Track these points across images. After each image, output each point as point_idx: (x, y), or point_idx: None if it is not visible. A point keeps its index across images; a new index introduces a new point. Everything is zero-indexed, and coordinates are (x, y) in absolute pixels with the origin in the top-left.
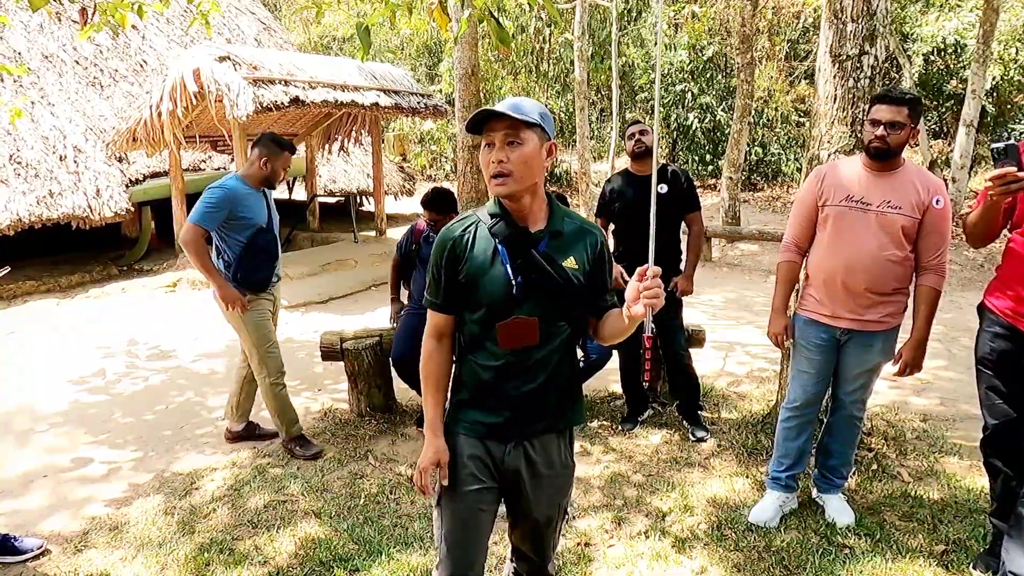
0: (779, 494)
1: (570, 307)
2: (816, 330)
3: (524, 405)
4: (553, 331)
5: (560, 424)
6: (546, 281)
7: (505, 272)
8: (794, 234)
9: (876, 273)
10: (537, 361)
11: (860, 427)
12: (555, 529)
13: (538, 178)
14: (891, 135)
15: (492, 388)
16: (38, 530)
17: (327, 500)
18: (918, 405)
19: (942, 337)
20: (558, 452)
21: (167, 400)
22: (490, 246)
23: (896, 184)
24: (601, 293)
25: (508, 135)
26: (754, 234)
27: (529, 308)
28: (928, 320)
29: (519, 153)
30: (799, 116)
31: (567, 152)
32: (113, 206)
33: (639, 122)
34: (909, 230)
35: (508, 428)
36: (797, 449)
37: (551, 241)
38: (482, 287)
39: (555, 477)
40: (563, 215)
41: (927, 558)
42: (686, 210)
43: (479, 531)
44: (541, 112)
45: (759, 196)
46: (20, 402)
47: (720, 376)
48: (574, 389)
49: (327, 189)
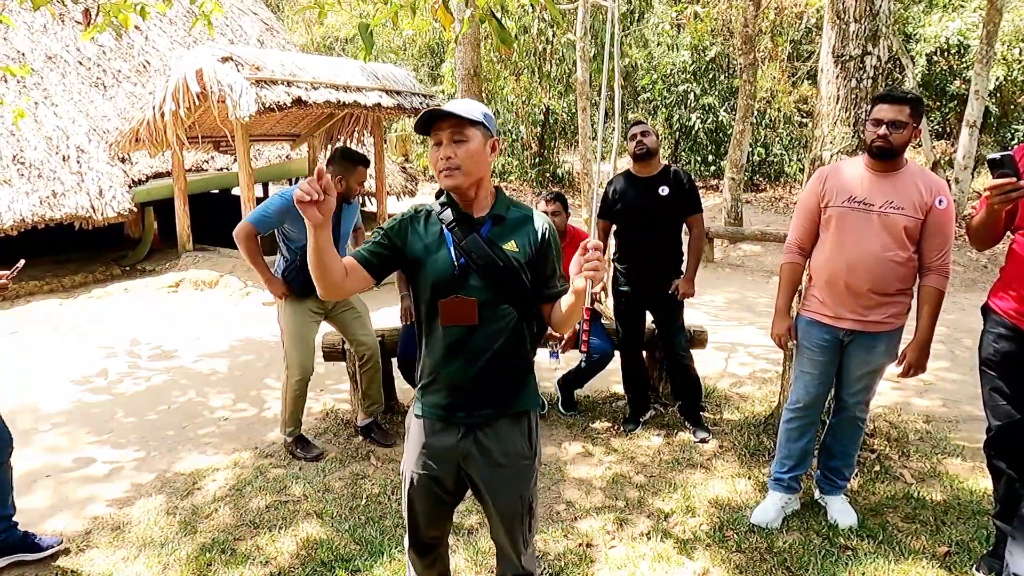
0: (781, 495)
1: (512, 290)
2: (819, 331)
3: (470, 388)
4: (495, 313)
5: (509, 410)
6: (487, 263)
7: (449, 254)
8: (797, 235)
9: (879, 274)
10: (480, 343)
11: (863, 428)
12: (523, 524)
13: (484, 172)
14: (893, 134)
15: (441, 370)
16: (40, 530)
17: (329, 500)
18: (921, 406)
19: (945, 338)
20: (515, 441)
21: (169, 400)
22: (437, 230)
23: (899, 184)
24: (548, 280)
25: (454, 133)
26: (756, 235)
27: (471, 289)
28: (932, 321)
29: (465, 149)
30: (802, 117)
31: (568, 153)
32: (116, 206)
33: (641, 123)
34: (912, 231)
35: (456, 409)
36: (800, 450)
37: (493, 226)
38: (428, 268)
39: (514, 467)
40: (508, 204)
41: (930, 560)
42: (688, 212)
43: (432, 513)
44: (484, 112)
45: (761, 197)
46: (23, 402)
47: (722, 377)
48: (523, 375)
49: None
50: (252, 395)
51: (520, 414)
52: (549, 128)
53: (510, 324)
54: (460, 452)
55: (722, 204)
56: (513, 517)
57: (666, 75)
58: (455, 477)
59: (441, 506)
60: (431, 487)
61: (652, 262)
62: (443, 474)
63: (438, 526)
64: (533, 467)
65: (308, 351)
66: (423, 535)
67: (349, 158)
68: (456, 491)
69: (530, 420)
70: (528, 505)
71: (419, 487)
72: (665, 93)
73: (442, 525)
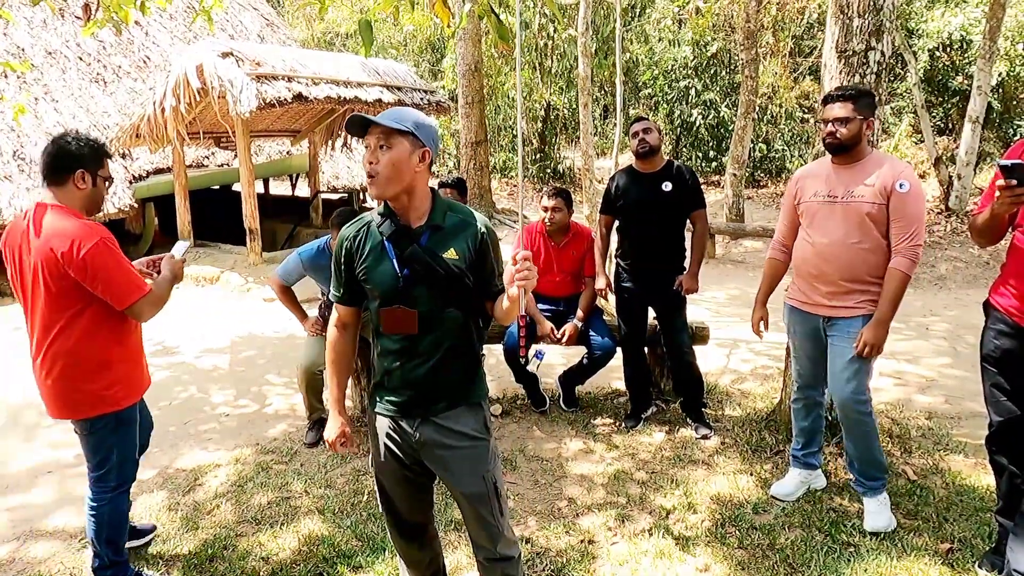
0: (799, 471)
1: (455, 295)
2: (800, 317)
3: (422, 385)
4: (441, 319)
5: (461, 402)
6: (428, 272)
7: (392, 266)
8: (780, 233)
9: (846, 261)
10: (428, 346)
11: (870, 425)
12: (490, 504)
13: (411, 180)
14: (840, 130)
15: (393, 371)
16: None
17: (330, 497)
18: (923, 403)
19: (947, 335)
20: (468, 424)
21: (171, 396)
22: (378, 243)
23: (859, 173)
24: (488, 280)
25: (379, 139)
26: (758, 231)
27: (417, 298)
28: (891, 301)
29: (388, 157)
30: (803, 112)
31: (570, 149)
32: (117, 202)
33: (643, 119)
34: (876, 216)
35: (412, 406)
36: (808, 429)
37: (432, 235)
38: (374, 280)
39: (471, 448)
40: (445, 211)
41: (932, 556)
42: (691, 208)
43: (406, 497)
44: (416, 122)
45: (763, 193)
46: (26, 398)
47: (724, 373)
48: (472, 369)
49: (330, 185)
50: (253, 391)
51: (472, 404)
52: (550, 124)
53: (456, 326)
54: (418, 441)
55: (723, 200)
56: (479, 498)
57: (667, 71)
58: (420, 466)
59: (415, 487)
60: (399, 471)
61: (655, 258)
62: (408, 459)
63: (419, 508)
64: (488, 445)
65: (319, 350)
66: (407, 520)
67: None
68: (424, 471)
69: (483, 407)
70: (492, 485)
71: (388, 474)
72: (666, 89)
73: (423, 508)
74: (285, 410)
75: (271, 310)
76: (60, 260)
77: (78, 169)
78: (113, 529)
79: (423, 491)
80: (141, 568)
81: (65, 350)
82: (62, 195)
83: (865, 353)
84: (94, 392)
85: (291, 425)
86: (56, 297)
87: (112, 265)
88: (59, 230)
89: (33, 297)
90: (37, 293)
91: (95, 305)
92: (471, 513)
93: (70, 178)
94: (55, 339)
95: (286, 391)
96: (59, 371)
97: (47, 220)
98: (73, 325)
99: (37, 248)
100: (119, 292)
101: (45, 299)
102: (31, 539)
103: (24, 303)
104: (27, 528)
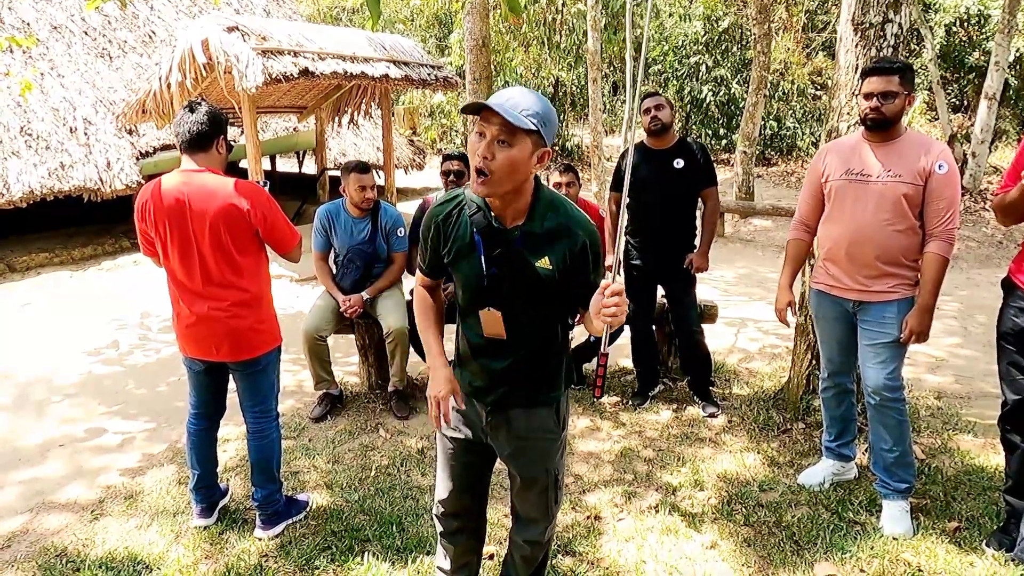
0: (832, 462)
1: (543, 303)
2: (828, 302)
3: (498, 379)
4: (523, 322)
5: (538, 399)
6: (515, 277)
7: (479, 262)
8: (802, 211)
9: (881, 244)
10: (509, 346)
11: (902, 413)
12: (547, 494)
13: (523, 182)
14: (885, 105)
15: (473, 357)
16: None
17: (338, 472)
18: (932, 383)
19: (958, 314)
20: (541, 418)
21: (179, 372)
22: (468, 233)
23: (896, 153)
24: (580, 291)
25: (500, 133)
26: (768, 209)
27: (502, 299)
28: (934, 287)
29: (506, 155)
30: (816, 89)
31: (578, 126)
32: (124, 179)
33: (656, 94)
34: (913, 198)
35: (487, 394)
36: (840, 418)
37: (526, 239)
38: (460, 271)
39: (539, 440)
40: (545, 213)
41: (939, 535)
42: (703, 185)
43: (459, 471)
44: (542, 115)
45: (773, 171)
46: (37, 373)
47: (732, 352)
48: (553, 370)
49: (337, 162)
50: None
51: (549, 403)
52: (559, 100)
53: (540, 331)
54: (488, 424)
55: (733, 178)
56: (539, 488)
57: (677, 46)
58: (483, 447)
59: (471, 470)
60: (462, 446)
61: (665, 236)
62: (471, 438)
63: (469, 492)
64: (559, 440)
65: (321, 315)
66: (453, 500)
67: (346, 167)
68: (487, 457)
69: (560, 404)
70: (554, 477)
71: (448, 448)
72: (676, 65)
73: (473, 493)
74: (292, 386)
75: (278, 287)
76: (245, 215)
77: (219, 135)
78: (279, 455)
79: (478, 474)
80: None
81: (247, 296)
82: (207, 160)
83: (912, 341)
84: (267, 330)
85: (299, 401)
86: (237, 249)
87: (280, 216)
88: (234, 190)
89: (211, 253)
90: (216, 248)
91: (263, 252)
92: (525, 495)
93: (213, 144)
94: (237, 288)
95: (293, 367)
96: (242, 315)
97: (213, 182)
98: (251, 272)
99: (217, 207)
100: (284, 239)
101: (225, 252)
102: (43, 511)
103: (185, 263)
104: (39, 501)
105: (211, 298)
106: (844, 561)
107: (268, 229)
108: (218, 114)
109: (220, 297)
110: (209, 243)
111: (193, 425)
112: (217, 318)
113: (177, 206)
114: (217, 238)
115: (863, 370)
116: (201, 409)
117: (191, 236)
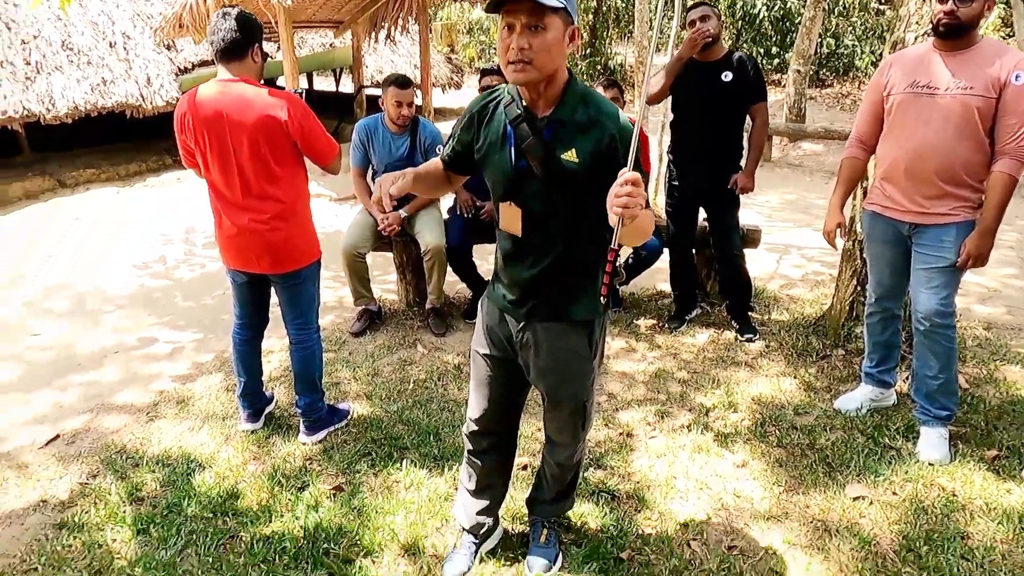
0: (871, 388)
1: (570, 199)
2: (882, 223)
3: (526, 290)
4: (549, 222)
5: (567, 316)
6: (542, 168)
7: (509, 155)
8: (859, 129)
9: (943, 162)
10: (534, 250)
11: (952, 340)
12: (572, 420)
13: (559, 65)
14: (961, 8)
15: (504, 266)
16: (113, 401)
17: (377, 384)
18: (982, 313)
19: (1016, 244)
20: (571, 340)
21: (224, 286)
22: (502, 125)
23: (969, 63)
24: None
25: (531, 20)
26: (819, 132)
27: (527, 194)
28: (998, 209)
29: (541, 40)
30: (879, 3)
31: (622, 44)
32: (164, 95)
33: (703, 3)
34: (985, 112)
35: (517, 306)
36: (884, 344)
37: (556, 129)
38: (491, 166)
39: (569, 362)
40: (577, 102)
41: (977, 463)
42: (752, 100)
43: (492, 391)
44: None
45: (827, 93)
46: (91, 285)
47: (773, 278)
48: (579, 283)
49: (374, 80)
50: None
51: (576, 323)
52: (602, 16)
53: (566, 233)
54: (519, 341)
55: (784, 99)
56: (566, 411)
57: None
58: (514, 365)
59: (504, 390)
60: (496, 364)
61: (710, 154)
62: (504, 356)
63: (500, 411)
64: (590, 367)
65: (360, 233)
66: (484, 419)
67: (386, 80)
68: (520, 377)
69: (592, 328)
70: (582, 403)
71: (482, 366)
72: None
73: (504, 413)
74: (333, 302)
75: (319, 205)
76: (283, 125)
77: (254, 43)
78: (321, 366)
79: (513, 393)
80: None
81: (284, 208)
82: (242, 69)
83: (969, 265)
84: (307, 244)
85: (338, 316)
86: (275, 160)
87: (318, 126)
88: (272, 100)
89: (249, 164)
90: (255, 158)
91: (301, 165)
92: (553, 417)
93: (248, 53)
94: (275, 199)
95: (333, 284)
96: (281, 228)
97: (250, 92)
98: (292, 185)
99: (254, 118)
100: (323, 150)
101: (263, 163)
102: (103, 412)
103: (225, 174)
104: (99, 402)
105: (251, 210)
106: (877, 484)
107: (306, 139)
108: (252, 20)
109: (259, 209)
110: (248, 154)
111: (238, 335)
112: (257, 231)
113: (215, 117)
114: (255, 149)
115: (914, 295)
116: (245, 320)
117: (229, 147)
